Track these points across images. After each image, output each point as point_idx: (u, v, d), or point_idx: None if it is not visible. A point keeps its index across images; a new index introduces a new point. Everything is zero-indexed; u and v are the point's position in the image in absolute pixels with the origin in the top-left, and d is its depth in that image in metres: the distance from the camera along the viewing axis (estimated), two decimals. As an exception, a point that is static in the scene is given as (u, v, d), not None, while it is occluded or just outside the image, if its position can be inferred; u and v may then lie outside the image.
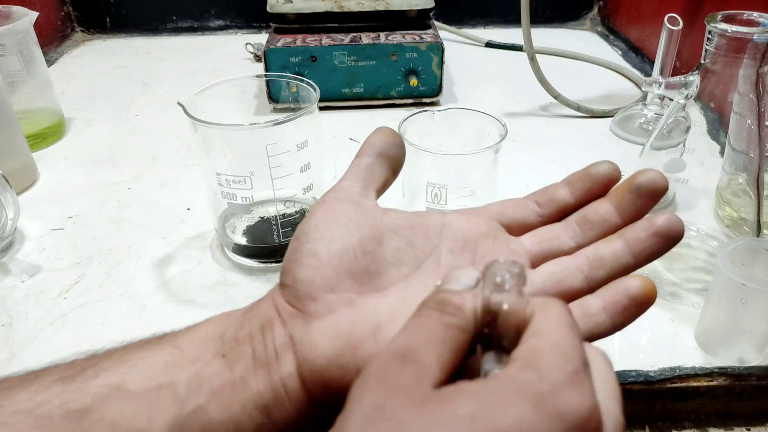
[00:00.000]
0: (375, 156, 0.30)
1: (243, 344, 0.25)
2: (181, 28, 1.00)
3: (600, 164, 0.29)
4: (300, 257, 0.26)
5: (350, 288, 0.26)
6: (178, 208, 0.53)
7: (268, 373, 0.24)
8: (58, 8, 0.93)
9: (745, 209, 0.43)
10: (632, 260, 0.26)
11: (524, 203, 0.29)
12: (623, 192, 0.27)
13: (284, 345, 0.25)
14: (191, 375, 0.24)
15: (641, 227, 0.26)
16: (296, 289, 0.26)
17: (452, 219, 0.29)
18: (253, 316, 0.26)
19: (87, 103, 0.75)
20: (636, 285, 0.24)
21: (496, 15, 1.01)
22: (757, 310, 0.34)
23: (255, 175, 0.41)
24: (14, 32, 0.60)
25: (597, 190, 0.28)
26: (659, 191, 0.27)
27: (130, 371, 0.24)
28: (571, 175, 0.29)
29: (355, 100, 0.71)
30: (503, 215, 0.29)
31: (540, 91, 0.68)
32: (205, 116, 0.40)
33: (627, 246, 0.26)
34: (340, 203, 0.28)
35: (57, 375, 0.23)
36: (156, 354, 0.24)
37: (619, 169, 0.28)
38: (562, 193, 0.29)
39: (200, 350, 0.25)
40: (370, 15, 0.71)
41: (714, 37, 0.37)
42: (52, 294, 0.44)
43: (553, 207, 0.29)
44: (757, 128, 0.39)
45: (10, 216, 0.47)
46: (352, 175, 0.29)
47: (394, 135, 0.31)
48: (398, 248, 0.27)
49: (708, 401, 0.36)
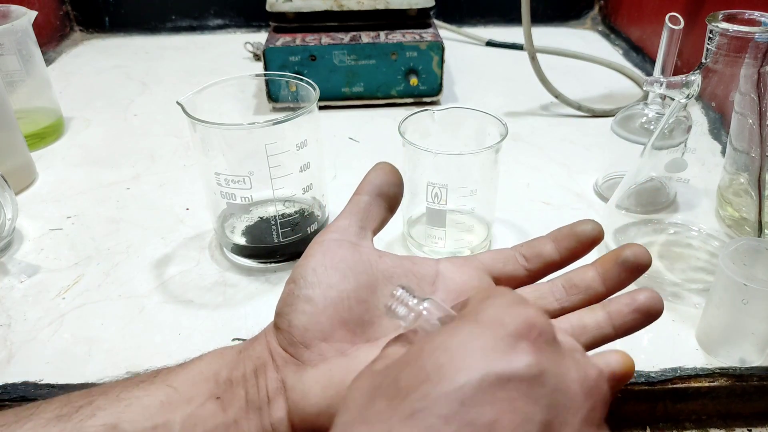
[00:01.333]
0: (374, 195, 0.30)
1: (237, 386, 0.25)
2: (180, 27, 0.99)
3: (584, 224, 0.29)
4: (296, 302, 0.26)
5: (343, 338, 0.26)
6: (176, 208, 0.53)
7: (260, 418, 0.25)
8: (57, 7, 0.93)
9: (747, 209, 0.43)
10: (612, 332, 0.27)
11: (513, 257, 0.30)
12: (609, 263, 0.28)
13: (276, 390, 0.25)
14: (186, 416, 0.24)
15: (624, 302, 0.27)
16: (291, 335, 0.26)
17: (445, 269, 0.30)
18: (246, 357, 0.27)
19: (86, 102, 0.74)
20: (615, 359, 0.25)
21: (496, 14, 1.01)
22: (759, 311, 0.34)
23: (254, 175, 0.41)
24: (13, 31, 0.60)
25: (581, 249, 0.29)
26: (643, 267, 0.28)
27: (126, 411, 0.24)
28: (557, 231, 0.30)
29: (354, 99, 0.70)
30: (494, 267, 0.30)
31: (541, 91, 0.68)
32: (204, 116, 0.40)
33: (609, 318, 0.27)
34: (339, 246, 0.28)
35: (53, 413, 0.24)
36: (151, 393, 0.25)
37: (602, 230, 0.29)
38: (548, 250, 0.30)
39: (195, 390, 0.25)
40: (370, 14, 0.71)
41: (715, 36, 0.37)
42: (51, 294, 0.43)
43: (539, 263, 0.30)
44: (759, 128, 0.39)
45: (9, 216, 0.47)
46: (349, 213, 0.30)
47: (393, 173, 0.31)
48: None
49: (709, 402, 0.36)
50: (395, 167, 0.31)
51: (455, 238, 0.45)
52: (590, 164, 0.59)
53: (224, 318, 0.41)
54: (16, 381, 0.36)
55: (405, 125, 0.43)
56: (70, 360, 0.38)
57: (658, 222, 0.46)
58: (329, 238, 0.28)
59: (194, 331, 0.40)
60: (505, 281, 0.30)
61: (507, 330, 0.19)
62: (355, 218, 0.29)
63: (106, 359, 0.38)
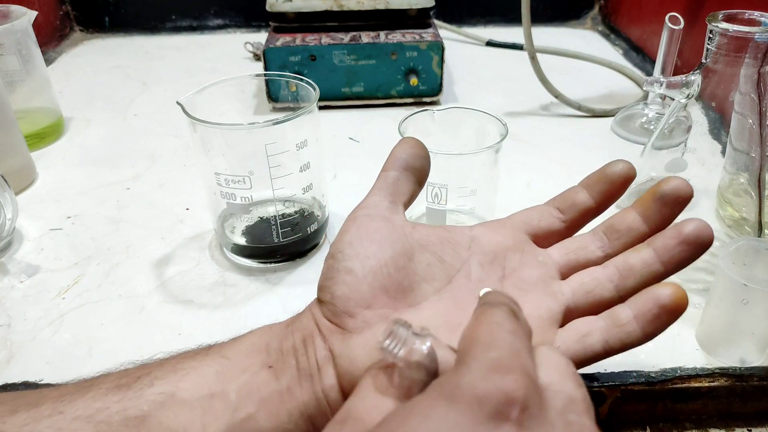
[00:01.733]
0: (401, 169, 0.30)
1: (288, 356, 0.26)
2: (180, 27, 0.99)
3: (615, 164, 0.29)
4: (336, 275, 0.27)
5: (385, 304, 0.27)
6: (176, 208, 0.53)
7: (312, 385, 0.25)
8: (57, 7, 0.93)
9: (747, 209, 0.43)
10: (662, 268, 0.26)
11: (547, 211, 0.30)
12: (648, 201, 0.27)
13: (325, 358, 0.26)
14: (241, 384, 0.25)
15: (670, 235, 0.26)
16: (334, 306, 0.27)
17: (480, 233, 0.30)
18: (294, 329, 0.27)
19: (86, 102, 0.74)
20: (666, 293, 0.25)
21: (496, 14, 1.01)
22: (759, 311, 0.34)
23: (254, 175, 0.41)
24: (13, 31, 0.60)
25: (615, 191, 0.29)
26: (684, 199, 0.27)
27: (183, 380, 0.24)
28: (587, 178, 0.30)
29: (354, 99, 0.70)
30: (529, 225, 0.30)
31: (541, 91, 0.68)
32: (204, 116, 0.40)
33: (656, 254, 0.26)
34: (371, 220, 0.28)
35: (112, 383, 0.24)
36: (206, 364, 0.25)
37: (634, 168, 0.28)
38: (581, 197, 0.29)
39: (248, 361, 0.26)
40: (370, 14, 0.71)
41: (715, 36, 0.37)
42: (51, 294, 0.43)
43: (575, 212, 0.29)
44: (759, 128, 0.39)
45: (9, 216, 0.47)
46: (379, 189, 0.30)
47: (419, 146, 0.31)
48: (429, 263, 0.28)
49: (709, 402, 0.36)
50: (420, 141, 0.31)
51: (455, 238, 0.45)
52: (590, 164, 0.59)
53: (224, 318, 0.41)
54: (16, 381, 0.36)
55: (405, 125, 0.43)
56: (70, 360, 0.38)
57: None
58: (362, 214, 0.29)
59: (194, 331, 0.40)
60: (543, 236, 0.30)
61: (485, 411, 0.17)
62: (384, 193, 0.30)
63: (106, 359, 0.38)
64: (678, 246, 0.26)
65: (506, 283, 0.29)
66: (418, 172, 0.31)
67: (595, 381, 0.35)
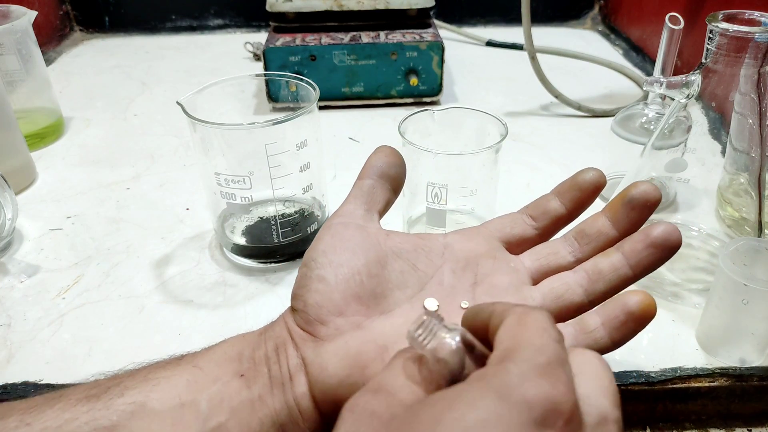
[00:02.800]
0: (376, 178, 0.31)
1: (260, 365, 0.26)
2: (180, 27, 0.99)
3: (585, 172, 0.29)
4: (309, 283, 0.27)
5: (357, 311, 0.27)
6: (176, 208, 0.53)
7: (283, 393, 0.25)
8: (57, 7, 0.93)
9: (747, 209, 0.43)
10: (630, 272, 0.26)
11: (520, 218, 0.30)
12: (617, 205, 0.28)
13: (297, 366, 0.26)
14: (212, 393, 0.25)
15: (638, 239, 0.26)
16: (306, 314, 0.27)
17: (453, 240, 0.30)
18: (267, 337, 0.27)
19: (86, 102, 0.74)
20: (634, 301, 0.24)
21: (496, 14, 1.01)
22: (759, 311, 0.34)
23: (254, 175, 0.41)
24: (13, 31, 0.60)
25: (586, 198, 0.29)
26: (652, 203, 0.27)
27: (154, 390, 0.24)
28: (559, 185, 0.30)
29: (354, 99, 0.70)
30: (502, 232, 0.30)
31: (541, 91, 0.68)
32: (204, 116, 0.40)
33: (625, 258, 0.26)
34: (346, 228, 0.29)
35: (82, 393, 0.24)
36: (178, 373, 0.25)
37: (604, 175, 0.29)
38: (553, 205, 0.30)
39: (220, 370, 0.26)
40: (370, 14, 0.71)
41: (715, 36, 0.36)
42: (51, 294, 0.43)
43: (547, 219, 0.29)
44: (759, 128, 0.39)
45: (9, 216, 0.47)
46: (354, 197, 0.30)
47: (394, 154, 0.31)
48: (402, 271, 0.28)
49: (709, 402, 0.36)
50: (396, 149, 0.32)
51: (455, 238, 0.45)
52: (590, 164, 0.58)
53: (224, 318, 0.41)
54: (16, 381, 0.36)
55: (405, 125, 0.43)
56: (70, 360, 0.38)
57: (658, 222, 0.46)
58: (336, 222, 0.29)
59: (194, 331, 0.40)
60: (516, 244, 0.30)
61: (533, 415, 0.17)
62: (359, 201, 0.30)
63: (106, 359, 0.38)
64: (646, 249, 0.26)
65: (478, 290, 0.29)
66: (394, 180, 0.31)
67: (595, 381, 0.35)
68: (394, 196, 0.32)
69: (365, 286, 0.27)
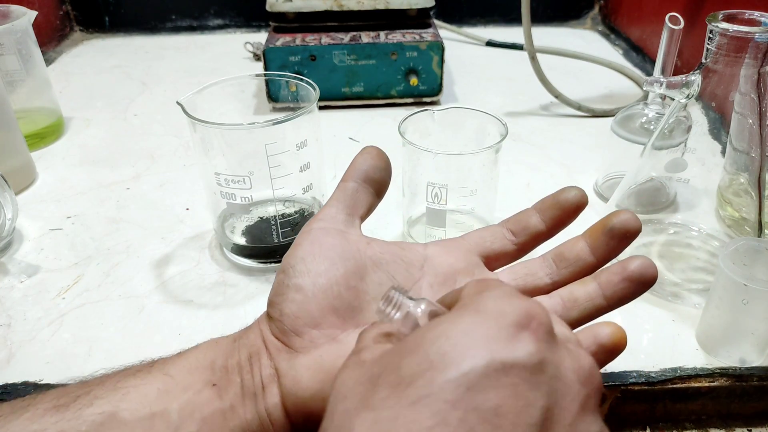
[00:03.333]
0: (360, 181, 0.30)
1: (232, 373, 0.26)
2: (180, 27, 0.99)
3: (568, 191, 0.29)
4: (286, 291, 0.27)
5: (333, 324, 0.26)
6: (176, 208, 0.53)
7: (255, 403, 0.25)
8: (57, 7, 0.93)
9: (747, 209, 0.43)
10: (604, 303, 0.27)
11: (500, 233, 0.30)
12: (597, 233, 0.28)
13: (270, 377, 0.26)
14: (183, 403, 0.24)
15: (615, 271, 0.27)
16: (282, 323, 0.26)
17: (433, 252, 0.30)
18: (241, 345, 0.27)
19: (86, 102, 0.74)
20: (606, 332, 0.25)
21: (496, 14, 1.01)
22: (759, 311, 0.34)
23: (254, 175, 0.41)
24: (13, 31, 0.60)
25: (566, 217, 0.29)
26: (632, 233, 0.27)
27: (124, 399, 0.24)
28: (541, 201, 0.30)
29: (354, 99, 0.70)
30: (482, 246, 0.30)
31: (541, 91, 0.68)
32: (204, 116, 0.40)
33: (600, 289, 0.27)
34: (326, 234, 0.28)
35: (50, 403, 0.24)
36: (148, 382, 0.25)
37: (585, 196, 0.29)
38: (534, 222, 0.29)
39: (191, 378, 0.25)
40: (370, 14, 0.71)
41: (715, 36, 0.36)
42: (51, 294, 0.43)
43: (526, 235, 0.30)
44: (759, 128, 0.39)
45: (9, 216, 0.47)
46: (337, 201, 0.30)
47: (380, 157, 0.31)
48: (380, 283, 0.28)
49: (709, 402, 0.36)
50: (382, 151, 0.31)
51: (455, 238, 0.45)
52: (590, 164, 0.59)
53: (224, 318, 0.41)
54: (16, 381, 0.36)
55: (405, 125, 0.43)
56: (70, 360, 0.38)
57: (658, 222, 0.46)
58: (317, 227, 0.28)
59: (194, 331, 0.40)
60: (495, 258, 0.30)
61: (508, 320, 0.19)
62: (342, 205, 0.30)
63: (106, 359, 0.38)
64: (621, 282, 0.26)
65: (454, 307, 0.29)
66: (378, 184, 0.31)
67: (595, 381, 0.35)
68: (378, 200, 0.31)
69: (343, 298, 0.27)
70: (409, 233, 0.47)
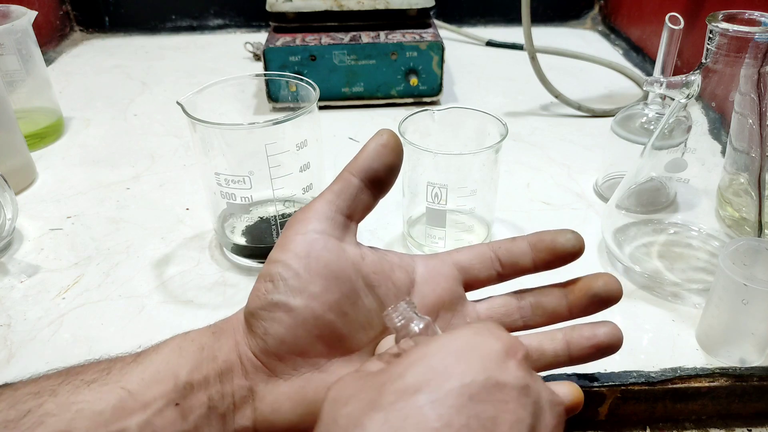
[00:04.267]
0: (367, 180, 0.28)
1: (198, 391, 0.24)
2: (180, 27, 0.99)
3: (566, 237, 0.28)
4: (274, 309, 0.25)
5: (319, 352, 0.25)
6: (176, 208, 0.53)
7: (223, 425, 0.24)
8: (57, 7, 0.93)
9: (747, 209, 0.43)
10: (568, 360, 0.28)
11: (489, 260, 0.29)
12: (580, 294, 0.28)
13: (243, 398, 0.25)
14: (142, 422, 0.23)
15: (585, 336, 0.28)
16: (265, 344, 0.25)
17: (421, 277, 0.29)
18: (210, 357, 0.25)
19: (86, 102, 0.74)
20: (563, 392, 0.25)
21: (496, 14, 1.01)
22: (759, 311, 0.34)
23: (254, 175, 0.41)
24: (13, 31, 0.60)
25: (559, 263, 0.29)
26: (612, 300, 0.28)
27: (77, 417, 0.22)
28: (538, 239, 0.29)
29: (354, 99, 0.70)
30: (469, 273, 0.30)
31: (541, 91, 0.68)
32: (204, 116, 0.40)
33: (567, 348, 0.28)
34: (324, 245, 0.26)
35: None
36: (103, 397, 0.23)
37: (583, 245, 0.28)
38: (524, 261, 0.29)
39: (151, 394, 0.24)
40: (370, 14, 0.71)
41: (715, 36, 0.36)
42: (51, 294, 0.43)
43: (513, 270, 0.30)
44: (759, 128, 0.39)
45: (9, 216, 0.47)
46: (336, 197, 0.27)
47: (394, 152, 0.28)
48: (370, 309, 0.27)
49: (709, 402, 0.36)
50: (398, 141, 0.28)
51: (455, 238, 0.45)
52: (590, 164, 0.59)
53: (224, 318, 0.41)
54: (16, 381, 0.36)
55: (405, 125, 0.43)
56: (70, 360, 0.38)
57: (658, 222, 0.46)
58: (312, 230, 0.26)
59: (194, 331, 0.40)
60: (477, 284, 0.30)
61: (497, 347, 0.21)
62: (341, 205, 0.27)
63: (106, 359, 0.38)
64: (589, 348, 0.27)
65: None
66: (382, 185, 0.28)
67: (595, 381, 0.35)
68: (376, 203, 0.29)
69: (334, 326, 0.25)
70: (409, 233, 0.47)
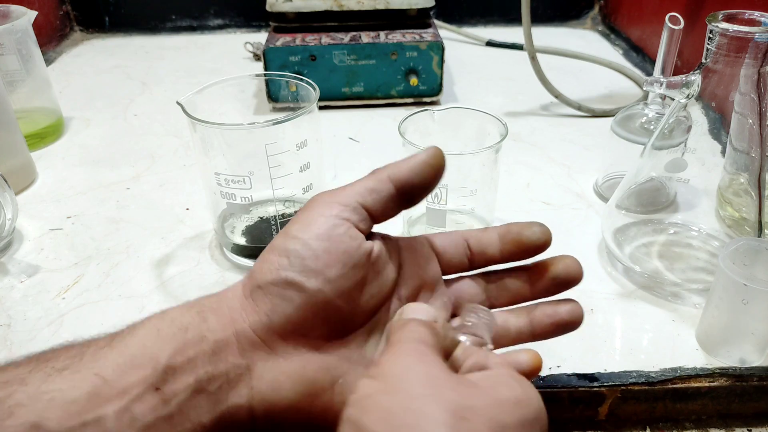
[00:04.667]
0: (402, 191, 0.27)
1: (182, 374, 0.23)
2: (180, 27, 0.99)
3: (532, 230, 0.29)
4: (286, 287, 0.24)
5: (321, 334, 0.25)
6: (176, 208, 0.53)
7: (213, 404, 0.23)
8: (57, 7, 0.93)
9: (747, 209, 0.43)
10: (531, 337, 0.29)
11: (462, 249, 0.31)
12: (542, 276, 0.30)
13: (238, 376, 0.24)
14: (119, 409, 0.21)
15: (547, 313, 0.29)
16: (270, 320, 0.24)
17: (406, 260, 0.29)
18: (198, 339, 0.24)
19: (86, 102, 0.74)
20: (524, 359, 0.26)
21: (496, 14, 1.01)
22: (759, 311, 0.34)
23: (254, 175, 0.41)
24: (13, 31, 0.60)
25: (524, 256, 0.30)
26: (573, 282, 0.29)
27: (49, 407, 0.21)
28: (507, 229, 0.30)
29: (354, 99, 0.70)
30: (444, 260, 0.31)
31: (541, 91, 0.68)
32: (204, 116, 0.40)
33: (531, 325, 0.29)
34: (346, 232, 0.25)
35: None
36: (77, 385, 0.22)
37: (549, 236, 0.29)
38: (492, 251, 0.30)
39: (128, 380, 0.22)
40: (370, 14, 0.71)
41: (715, 36, 0.37)
42: (51, 294, 0.43)
43: (483, 259, 0.31)
44: (759, 128, 0.39)
45: (9, 216, 0.47)
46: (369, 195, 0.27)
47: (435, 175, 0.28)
48: (372, 295, 0.27)
49: (709, 402, 0.36)
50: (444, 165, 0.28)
51: (455, 238, 0.45)
52: (590, 164, 0.59)
53: (224, 318, 0.41)
54: None
55: (405, 125, 0.43)
56: None
57: (658, 222, 0.46)
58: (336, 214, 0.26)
59: (194, 331, 0.40)
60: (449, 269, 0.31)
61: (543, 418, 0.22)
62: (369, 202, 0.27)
63: (106, 359, 0.38)
64: (551, 325, 0.29)
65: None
66: (413, 201, 0.28)
67: (595, 381, 0.35)
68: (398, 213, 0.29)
69: (340, 312, 0.25)
70: (409, 233, 0.47)
